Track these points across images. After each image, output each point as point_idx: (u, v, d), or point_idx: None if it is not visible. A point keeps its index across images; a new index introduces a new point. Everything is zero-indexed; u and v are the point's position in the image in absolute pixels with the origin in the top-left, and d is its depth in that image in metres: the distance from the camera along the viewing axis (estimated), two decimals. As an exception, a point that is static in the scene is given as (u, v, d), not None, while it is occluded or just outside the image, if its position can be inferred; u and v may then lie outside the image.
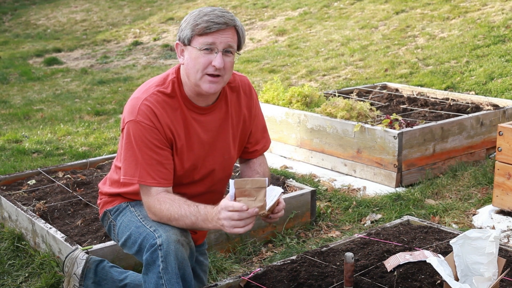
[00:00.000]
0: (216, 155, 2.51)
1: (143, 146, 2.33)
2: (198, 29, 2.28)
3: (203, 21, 2.27)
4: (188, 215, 2.25)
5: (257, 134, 2.65)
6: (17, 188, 4.19)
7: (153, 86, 2.40)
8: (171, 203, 2.30)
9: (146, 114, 2.32)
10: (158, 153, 2.34)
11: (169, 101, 2.38)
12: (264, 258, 3.52)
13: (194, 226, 2.30)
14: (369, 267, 2.66)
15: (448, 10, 9.51)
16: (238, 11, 12.85)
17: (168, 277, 2.27)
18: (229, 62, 2.34)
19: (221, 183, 2.63)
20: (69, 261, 2.84)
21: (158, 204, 2.32)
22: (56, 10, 16.92)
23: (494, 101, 5.41)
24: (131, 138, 2.34)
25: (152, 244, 2.29)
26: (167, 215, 2.29)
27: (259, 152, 2.68)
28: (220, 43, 2.29)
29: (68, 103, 8.11)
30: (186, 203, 2.29)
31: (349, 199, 4.28)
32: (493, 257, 2.20)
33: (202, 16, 2.29)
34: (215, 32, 2.28)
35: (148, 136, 2.32)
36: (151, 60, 10.87)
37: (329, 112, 4.91)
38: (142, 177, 2.33)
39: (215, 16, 2.28)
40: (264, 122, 2.71)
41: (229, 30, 2.31)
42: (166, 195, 2.33)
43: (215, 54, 2.29)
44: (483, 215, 3.89)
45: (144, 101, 2.34)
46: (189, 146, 2.43)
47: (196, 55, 2.31)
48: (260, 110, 2.67)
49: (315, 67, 8.57)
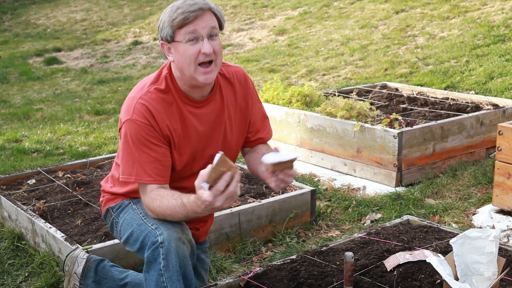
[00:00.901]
0: (214, 146, 2.51)
1: (139, 144, 2.34)
2: (176, 22, 2.29)
3: (178, 14, 2.29)
4: (178, 210, 2.26)
5: (256, 123, 2.65)
6: (17, 188, 4.19)
7: (148, 84, 2.42)
8: (161, 199, 2.31)
9: (141, 112, 2.34)
10: (155, 150, 2.35)
11: (164, 97, 2.39)
12: (264, 257, 3.52)
13: (187, 218, 2.32)
14: (369, 267, 2.66)
15: (448, 9, 9.51)
16: (238, 11, 12.85)
17: (169, 275, 2.29)
18: (217, 45, 2.34)
19: None
20: (69, 260, 2.85)
21: (151, 202, 2.34)
22: (56, 10, 16.91)
23: (494, 101, 5.41)
24: (127, 137, 2.36)
25: (153, 241, 2.30)
26: (160, 212, 2.31)
27: (262, 140, 2.68)
28: (203, 29, 2.30)
29: (68, 103, 8.11)
30: (173, 197, 2.29)
31: (349, 199, 4.28)
32: (493, 256, 2.20)
33: (175, 10, 2.30)
34: (194, 20, 2.29)
35: (144, 134, 2.34)
36: (151, 60, 10.87)
37: (329, 111, 4.91)
38: (139, 175, 2.35)
39: (187, 5, 2.29)
40: (264, 110, 2.70)
41: (206, 14, 2.31)
42: (158, 192, 2.34)
43: (201, 42, 2.30)
44: (483, 215, 3.90)
45: (139, 99, 2.36)
46: (186, 138, 2.44)
47: (183, 49, 2.31)
48: (258, 99, 2.67)
49: (315, 66, 8.57)
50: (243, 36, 11.17)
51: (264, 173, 2.36)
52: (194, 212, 2.22)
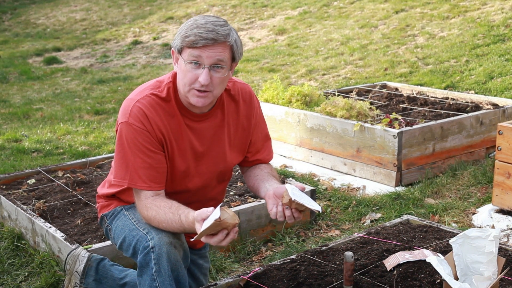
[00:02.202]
0: (209, 164, 2.47)
1: (135, 149, 2.31)
2: (187, 41, 2.24)
3: (192, 34, 2.22)
4: (175, 225, 2.25)
5: (257, 143, 2.60)
6: (17, 187, 4.19)
7: (148, 89, 2.38)
8: (157, 210, 2.28)
9: (138, 116, 2.30)
10: (150, 156, 2.32)
11: (163, 105, 2.35)
12: (263, 257, 3.52)
13: (184, 232, 2.31)
14: (368, 266, 2.66)
15: (448, 9, 9.51)
16: (237, 10, 12.85)
17: (161, 280, 2.28)
18: (218, 78, 2.27)
19: (216, 191, 2.60)
20: (71, 258, 2.86)
21: (146, 211, 2.31)
22: (55, 9, 16.91)
23: (494, 100, 5.41)
24: (123, 139, 2.33)
25: (145, 246, 2.30)
26: (156, 222, 2.30)
27: (260, 162, 2.62)
28: (207, 58, 2.23)
29: (67, 102, 8.11)
30: (170, 210, 2.26)
31: (349, 198, 4.28)
32: (492, 256, 2.20)
33: (193, 29, 2.23)
34: (202, 47, 2.22)
35: (140, 139, 2.31)
36: (150, 59, 10.87)
37: (328, 111, 4.91)
38: (132, 179, 2.32)
39: (205, 30, 2.21)
40: (267, 131, 2.65)
41: (219, 46, 2.24)
42: (154, 201, 2.31)
43: (202, 70, 2.25)
44: (482, 214, 3.90)
45: (136, 103, 2.33)
46: (180, 152, 2.40)
47: (184, 68, 2.27)
48: (262, 119, 2.61)
49: (314, 66, 8.57)
50: (243, 35, 11.17)
51: (270, 194, 2.34)
52: (192, 229, 2.20)
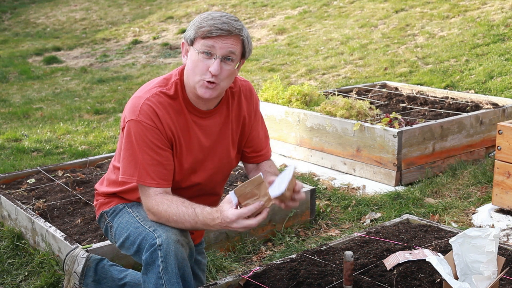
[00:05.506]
0: (215, 159, 2.50)
1: (144, 146, 2.31)
2: (201, 31, 2.27)
3: (208, 25, 2.26)
4: (187, 218, 2.25)
5: (255, 139, 2.62)
6: (17, 187, 4.19)
7: (156, 87, 2.39)
8: (169, 204, 2.29)
9: (148, 114, 2.31)
10: (159, 154, 2.33)
11: (171, 103, 2.37)
12: (263, 256, 3.52)
13: (193, 228, 2.30)
14: (368, 266, 2.66)
15: (448, 8, 9.51)
16: (237, 10, 12.84)
17: (168, 277, 2.27)
18: (228, 70, 2.31)
19: (219, 186, 2.63)
20: (69, 259, 2.85)
21: (156, 206, 2.31)
22: (55, 9, 16.91)
23: (494, 100, 5.41)
24: (131, 137, 2.33)
25: (151, 244, 2.28)
26: (165, 216, 2.29)
27: (262, 158, 2.65)
28: (220, 49, 2.27)
29: (67, 102, 8.11)
30: (184, 204, 2.28)
31: (349, 198, 4.28)
32: (492, 255, 2.20)
33: (208, 20, 2.28)
34: (216, 37, 2.26)
35: (150, 136, 2.31)
36: (150, 59, 10.86)
37: (328, 110, 4.91)
38: (141, 177, 2.33)
39: (220, 22, 2.26)
40: (265, 128, 2.69)
41: (232, 38, 2.28)
42: (164, 196, 2.32)
43: (213, 60, 2.28)
44: (482, 214, 3.90)
45: (146, 100, 2.33)
46: (188, 149, 2.42)
47: (195, 58, 2.30)
48: (260, 116, 2.65)
49: (314, 65, 8.57)
50: (242, 35, 11.17)
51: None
52: (205, 224, 2.21)
